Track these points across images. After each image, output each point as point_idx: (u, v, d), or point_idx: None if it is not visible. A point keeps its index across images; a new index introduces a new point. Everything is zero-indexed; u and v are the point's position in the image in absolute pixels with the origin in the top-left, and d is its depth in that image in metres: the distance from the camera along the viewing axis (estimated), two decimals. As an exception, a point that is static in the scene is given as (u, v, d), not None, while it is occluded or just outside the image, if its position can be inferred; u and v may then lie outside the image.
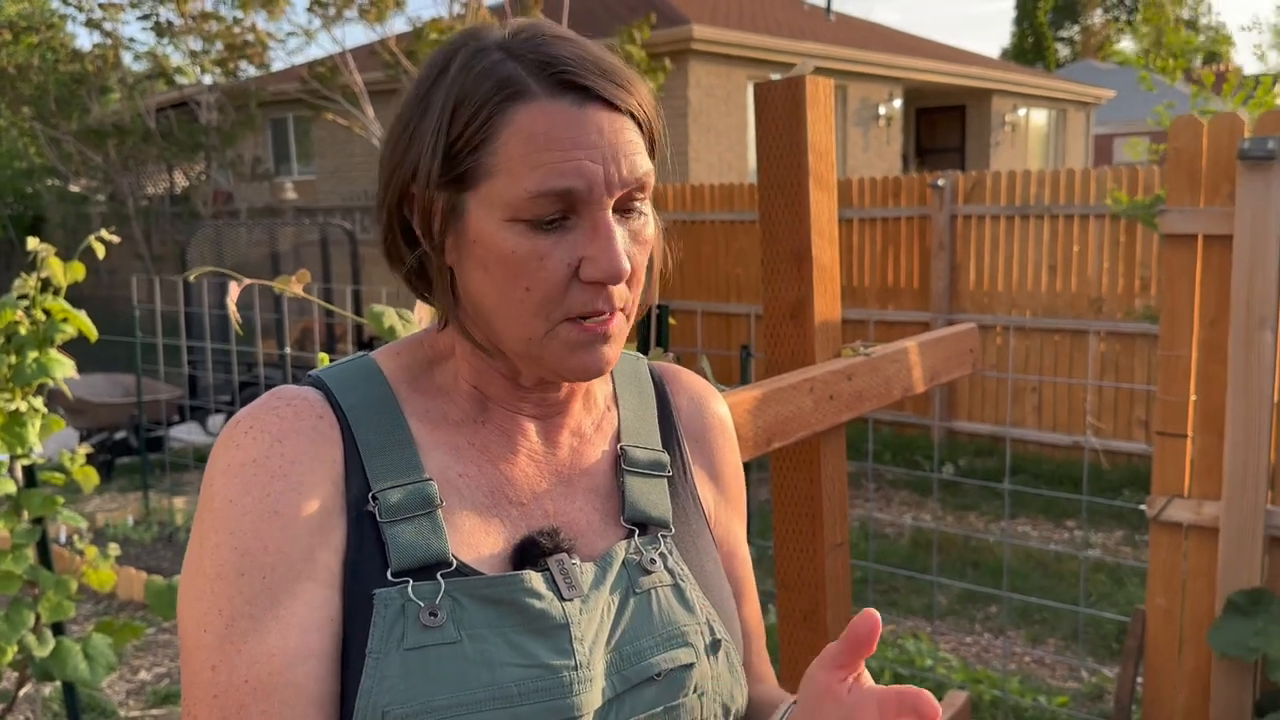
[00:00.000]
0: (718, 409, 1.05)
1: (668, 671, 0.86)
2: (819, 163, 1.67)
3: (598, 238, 0.80)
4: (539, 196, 0.78)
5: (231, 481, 0.81)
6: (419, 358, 0.91)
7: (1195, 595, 2.83)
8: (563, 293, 0.81)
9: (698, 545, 0.95)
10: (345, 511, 0.82)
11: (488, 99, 0.79)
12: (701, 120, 13.70)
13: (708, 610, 0.91)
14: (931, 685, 3.83)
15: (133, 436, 7.22)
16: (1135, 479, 6.34)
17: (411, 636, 0.79)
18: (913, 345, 1.85)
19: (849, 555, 1.82)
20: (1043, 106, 20.73)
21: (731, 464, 1.04)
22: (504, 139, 0.79)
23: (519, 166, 0.78)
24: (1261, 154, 2.59)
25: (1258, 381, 2.65)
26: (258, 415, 0.83)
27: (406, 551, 0.81)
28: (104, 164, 13.82)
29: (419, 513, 0.83)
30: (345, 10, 11.30)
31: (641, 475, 0.94)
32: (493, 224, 0.80)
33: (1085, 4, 44.08)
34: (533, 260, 0.80)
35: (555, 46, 0.81)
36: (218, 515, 0.80)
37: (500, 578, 0.83)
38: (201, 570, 0.80)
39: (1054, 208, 7.08)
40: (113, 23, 13.63)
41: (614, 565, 0.88)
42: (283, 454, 0.81)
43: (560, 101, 0.79)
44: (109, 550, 2.65)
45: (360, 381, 0.88)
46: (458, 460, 0.87)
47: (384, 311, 1.60)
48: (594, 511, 0.91)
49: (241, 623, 0.78)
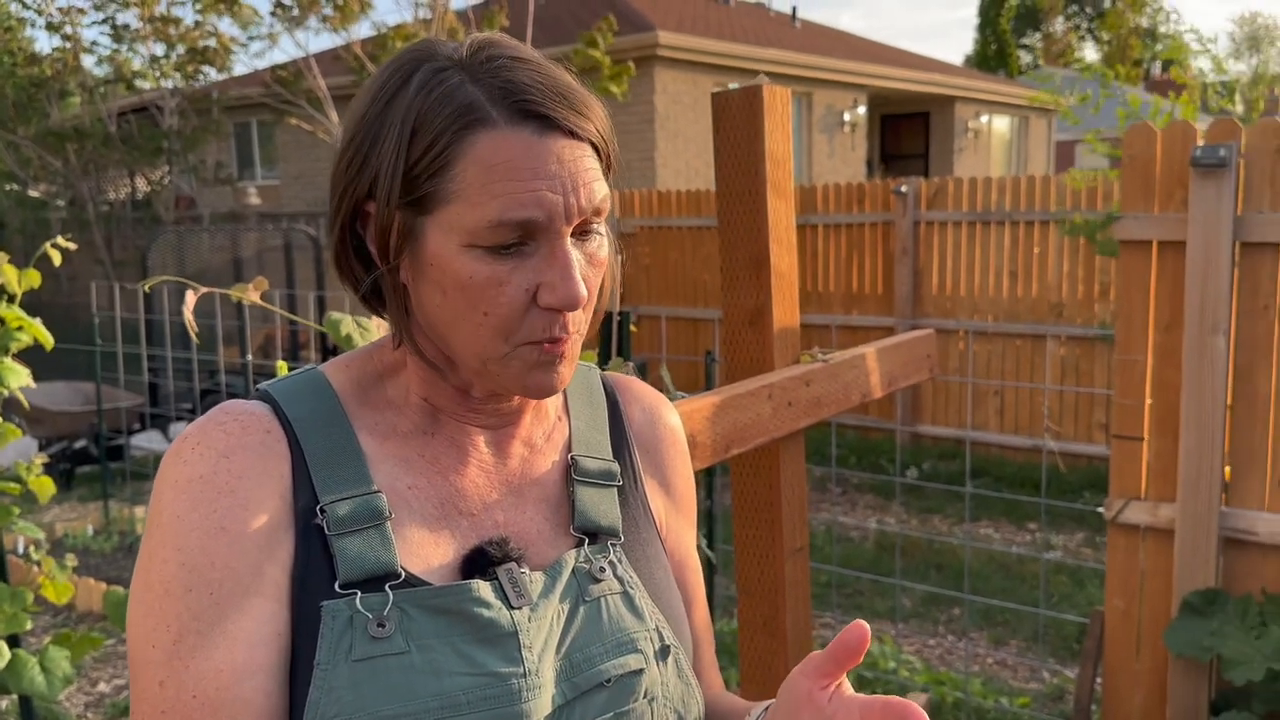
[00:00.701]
0: (670, 420, 1.06)
1: (617, 678, 0.87)
2: (776, 171, 1.68)
3: (555, 265, 0.81)
4: (498, 226, 0.79)
5: (179, 498, 0.81)
6: (369, 371, 0.92)
7: (1152, 596, 2.87)
8: (520, 318, 0.82)
9: (648, 554, 0.96)
10: (293, 525, 0.82)
11: (448, 125, 0.79)
12: (668, 126, 13.73)
13: (657, 617, 0.92)
14: (894, 688, 3.86)
15: (93, 445, 7.13)
16: (1096, 481, 6.42)
17: (359, 648, 0.79)
18: (871, 351, 1.86)
19: (809, 561, 1.83)
20: (1005, 113, 20.95)
21: (683, 474, 1.06)
22: (463, 166, 0.79)
23: (478, 195, 0.79)
24: (1213, 161, 2.63)
25: (1211, 385, 2.70)
26: (205, 431, 0.84)
27: (354, 564, 0.81)
28: (64, 169, 13.65)
29: (367, 525, 0.83)
30: (310, 15, 11.22)
31: (592, 485, 0.95)
32: (450, 249, 0.81)
33: (1047, 12, 44.60)
34: (491, 286, 0.81)
35: (516, 71, 0.81)
36: (165, 531, 0.81)
37: (448, 587, 0.83)
38: (149, 586, 0.80)
39: (1015, 214, 7.16)
40: (72, 26, 13.48)
41: (563, 574, 0.89)
42: (229, 470, 0.82)
43: (521, 130, 0.79)
44: (66, 561, 2.62)
45: (308, 395, 0.88)
46: (407, 472, 0.87)
47: (341, 319, 1.60)
48: (544, 521, 0.92)
49: (189, 638, 0.78)
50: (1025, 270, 7.18)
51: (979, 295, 7.37)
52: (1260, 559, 2.73)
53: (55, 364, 7.69)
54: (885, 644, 4.27)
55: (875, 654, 4.14)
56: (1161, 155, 2.76)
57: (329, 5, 10.95)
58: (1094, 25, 44.60)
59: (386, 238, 0.83)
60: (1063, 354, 7.01)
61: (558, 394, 0.98)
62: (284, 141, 16.63)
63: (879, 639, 4.38)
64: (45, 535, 2.75)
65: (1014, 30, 41.04)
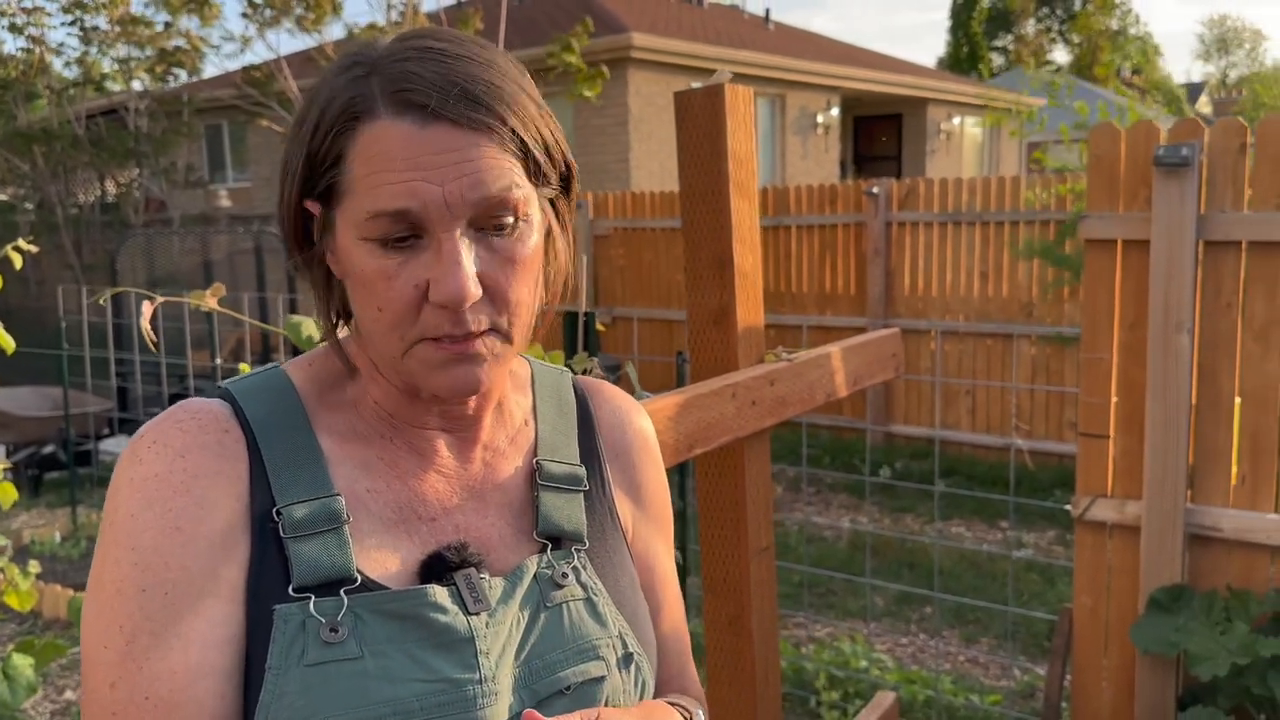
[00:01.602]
0: (641, 425, 1.04)
1: (578, 685, 0.86)
2: (739, 170, 1.68)
3: (441, 261, 0.78)
4: (376, 217, 0.78)
5: (134, 496, 0.80)
6: (331, 370, 0.90)
7: (1119, 593, 2.89)
8: (414, 314, 0.80)
9: (613, 560, 0.95)
10: (249, 527, 0.81)
11: (338, 117, 0.79)
12: (642, 128, 13.74)
13: (621, 624, 0.91)
14: (865, 687, 3.87)
15: (61, 450, 7.06)
16: (1066, 479, 6.46)
17: (312, 653, 0.78)
18: (836, 350, 1.87)
19: (774, 560, 1.83)
20: (977, 115, 21.08)
21: (654, 480, 1.04)
22: (351, 158, 0.79)
23: (361, 186, 0.78)
24: (1176, 160, 2.65)
25: (1176, 383, 2.72)
26: (161, 429, 0.83)
27: (309, 568, 0.81)
28: (31, 172, 13.50)
29: (324, 529, 0.82)
30: (282, 17, 11.14)
31: (556, 490, 0.93)
32: (349, 242, 0.80)
33: (1018, 14, 44.93)
34: (380, 280, 0.79)
35: (415, 64, 0.79)
36: (119, 531, 0.80)
37: (404, 592, 0.82)
38: (103, 586, 0.79)
39: (985, 214, 7.21)
40: (38, 28, 13.33)
41: (524, 579, 0.88)
42: (185, 469, 0.81)
43: (401, 121, 0.77)
44: (29, 568, 2.58)
45: (269, 394, 0.87)
46: (367, 475, 0.86)
47: (302, 322, 1.58)
48: (506, 526, 0.91)
49: (142, 639, 0.77)
50: (996, 270, 7.23)
51: (950, 295, 7.41)
52: (1225, 555, 2.76)
53: (23, 369, 7.60)
54: (857, 643, 4.28)
55: (847, 653, 4.15)
56: (1126, 154, 2.78)
57: (301, 5, 10.88)
58: (1065, 28, 44.97)
59: (314, 231, 0.84)
60: (1033, 353, 7.07)
61: (526, 397, 0.98)
62: (255, 144, 16.52)
63: (851, 638, 4.39)
64: (12, 542, 2.72)
65: (985, 33, 41.32)
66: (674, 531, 3.82)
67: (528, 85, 0.84)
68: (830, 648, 4.28)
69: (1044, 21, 46.02)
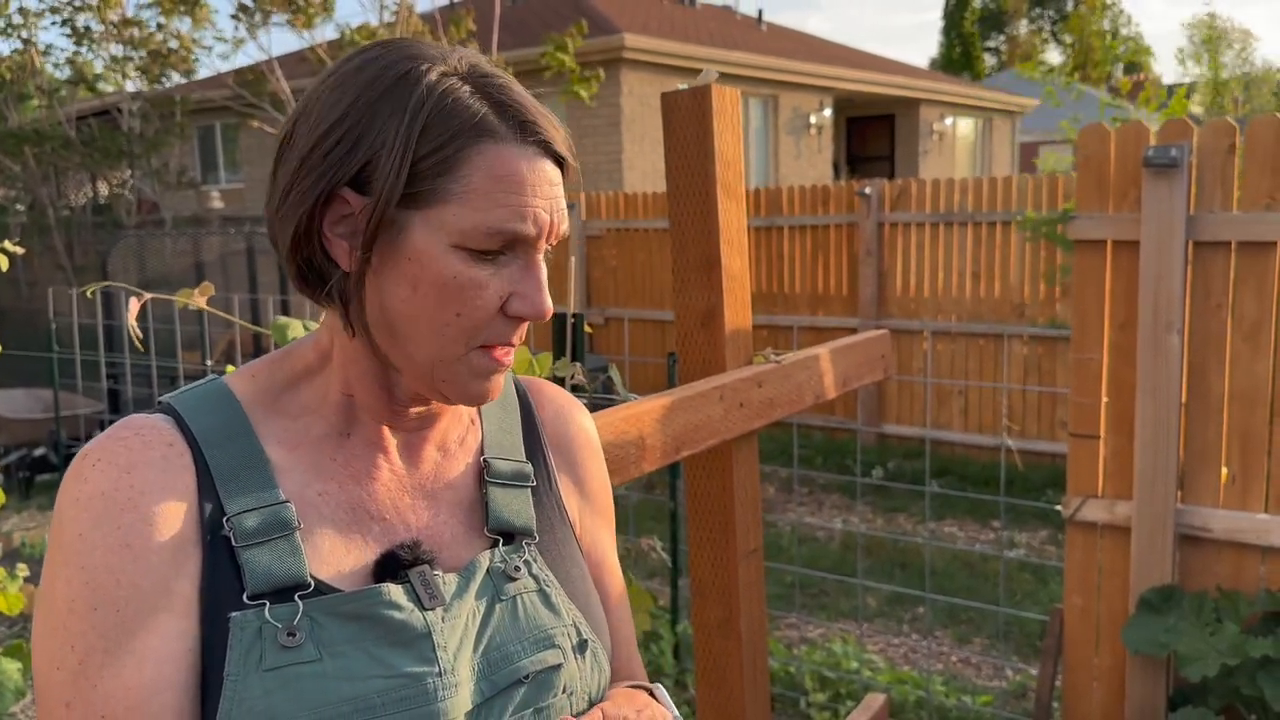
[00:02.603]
0: (582, 421, 1.08)
1: (536, 673, 0.88)
2: (727, 171, 1.68)
3: (529, 278, 0.86)
4: (495, 233, 0.82)
5: (80, 515, 0.80)
6: (279, 378, 0.91)
7: (1110, 593, 2.89)
8: (488, 323, 0.85)
9: (563, 553, 0.97)
10: (200, 539, 0.82)
11: (462, 129, 0.82)
12: (635, 129, 13.73)
13: (574, 613, 0.94)
14: (857, 688, 3.86)
15: (52, 453, 7.03)
16: (1058, 480, 6.46)
17: (270, 658, 0.79)
18: (824, 352, 1.86)
19: (763, 561, 1.83)
20: (969, 115, 21.11)
21: (597, 475, 1.07)
22: (469, 170, 0.82)
23: (481, 200, 0.82)
24: (1165, 161, 2.66)
25: (1165, 384, 2.72)
26: (105, 447, 0.83)
27: (262, 575, 0.81)
28: (22, 173, 13.45)
29: (275, 536, 0.83)
30: (272, 17, 11.11)
31: (504, 486, 0.96)
32: (437, 247, 0.83)
33: (1011, 14, 45.01)
34: (470, 288, 0.84)
35: (515, 94, 0.85)
36: (68, 550, 0.80)
37: (358, 593, 0.83)
38: (53, 607, 0.79)
39: (977, 215, 7.22)
40: (29, 30, 13.28)
41: (477, 574, 0.90)
42: (131, 485, 0.81)
43: (527, 149, 0.84)
44: (17, 571, 2.57)
45: (211, 406, 0.88)
46: (317, 478, 0.88)
47: (289, 323, 1.57)
48: (458, 524, 0.93)
49: (96, 657, 0.78)
50: (988, 271, 7.23)
51: (942, 296, 7.42)
52: (1215, 555, 2.76)
53: (13, 371, 7.57)
54: (849, 644, 4.28)
55: (839, 654, 4.15)
56: (1115, 155, 2.79)
57: (291, 6, 10.86)
58: (1057, 28, 45.06)
59: (362, 225, 0.82)
60: (1025, 353, 7.07)
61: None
62: (247, 144, 16.49)
63: (843, 639, 4.39)
64: (3, 544, 2.71)
65: (978, 33, 41.39)
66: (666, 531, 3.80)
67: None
68: (822, 648, 4.28)
69: (1036, 22, 46.11)
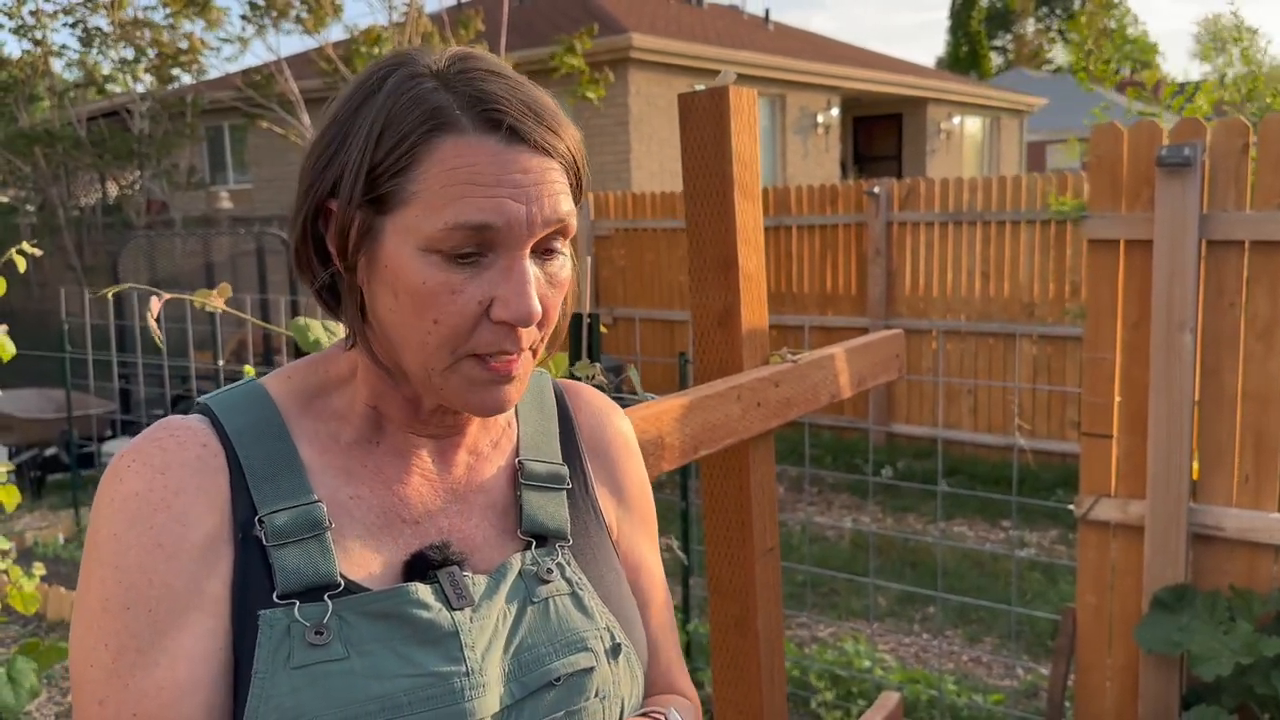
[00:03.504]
0: (620, 425, 1.06)
1: (567, 676, 0.87)
2: (744, 172, 1.68)
3: (511, 279, 0.80)
4: (455, 229, 0.78)
5: (115, 515, 0.81)
6: (312, 382, 0.91)
7: (1123, 592, 2.90)
8: (470, 329, 0.81)
9: (598, 557, 0.96)
10: (232, 539, 0.82)
11: (415, 126, 0.79)
12: (643, 129, 13.74)
13: (608, 617, 0.92)
14: (868, 687, 3.87)
15: (64, 453, 7.06)
16: (1068, 479, 6.46)
17: (298, 655, 0.79)
18: (839, 352, 1.87)
19: (779, 561, 1.83)
20: (977, 114, 21.08)
21: (636, 479, 1.06)
22: (425, 168, 0.79)
23: (438, 198, 0.78)
24: (1178, 160, 2.66)
25: (1179, 383, 2.72)
26: (141, 448, 0.83)
27: (292, 574, 0.81)
28: (33, 173, 13.50)
29: (306, 535, 0.83)
30: (282, 19, 11.14)
31: (539, 488, 0.95)
32: (406, 252, 0.80)
33: (1018, 13, 44.93)
34: (444, 294, 0.80)
35: (490, 83, 0.81)
36: (102, 550, 0.81)
37: (386, 591, 0.83)
38: (88, 605, 0.80)
39: (986, 214, 7.21)
40: (42, 30, 13.33)
41: (509, 576, 0.89)
42: (166, 485, 0.81)
43: (488, 139, 0.79)
44: (33, 570, 2.59)
45: (247, 407, 0.88)
46: (349, 482, 0.87)
47: (310, 324, 1.58)
48: (490, 527, 0.92)
49: (129, 656, 0.78)
50: (997, 270, 7.22)
51: (951, 295, 7.41)
52: (1228, 554, 2.76)
53: (25, 371, 7.61)
54: (860, 643, 4.28)
55: (850, 653, 4.15)
56: (1128, 155, 2.79)
57: (302, 7, 10.88)
58: (1064, 27, 44.96)
59: (345, 236, 0.82)
60: (1034, 353, 7.07)
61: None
62: (256, 145, 16.52)
63: (854, 638, 4.39)
64: (16, 544, 2.72)
65: (985, 32, 41.32)
66: (679, 532, 3.81)
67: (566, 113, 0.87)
68: (833, 648, 4.29)
69: (1043, 21, 46.02)
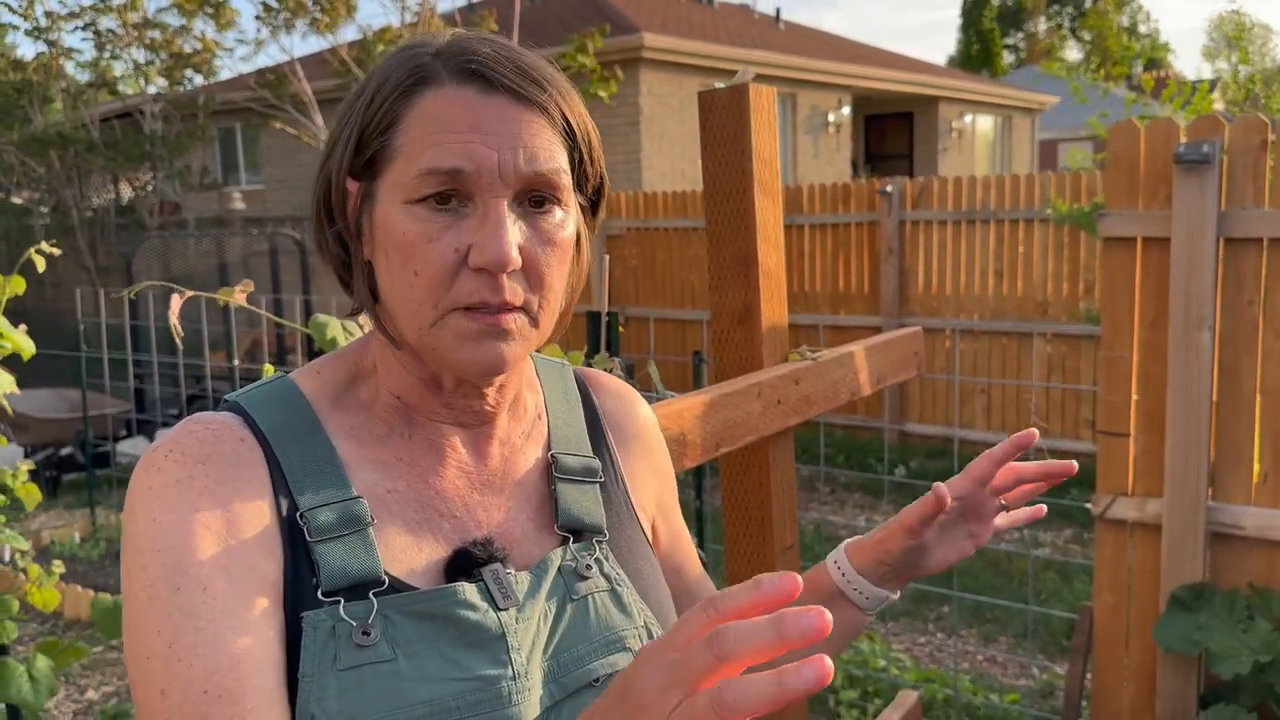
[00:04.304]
0: (644, 410, 1.06)
1: (605, 677, 0.86)
2: (763, 170, 1.68)
3: (486, 224, 0.78)
4: (429, 175, 0.78)
5: (154, 502, 0.77)
6: (341, 376, 0.90)
7: (1140, 591, 2.88)
8: (450, 278, 0.79)
9: (633, 550, 0.95)
10: (278, 532, 0.80)
11: (397, 85, 0.81)
12: (654, 128, 13.73)
13: (646, 614, 0.91)
14: (884, 686, 3.86)
15: (79, 452, 7.09)
16: (1083, 478, 6.41)
17: (345, 657, 0.77)
18: (859, 349, 1.87)
19: (799, 558, 1.83)
20: (989, 113, 21.02)
21: (665, 460, 1.07)
22: (408, 123, 0.80)
23: (416, 147, 0.79)
24: (1196, 158, 2.65)
25: (1196, 381, 2.71)
26: (177, 440, 0.81)
27: (337, 571, 0.79)
28: (47, 175, 13.56)
29: (349, 531, 0.81)
30: (296, 19, 11.17)
31: (574, 482, 0.94)
32: (394, 208, 0.80)
33: (1029, 11, 44.78)
34: (421, 242, 0.79)
35: (475, 43, 0.82)
36: (142, 538, 0.76)
37: (433, 591, 0.81)
38: (134, 597, 0.76)
39: (999, 213, 7.19)
40: (56, 32, 13.40)
41: (549, 572, 0.87)
42: (208, 474, 0.79)
43: (465, 88, 0.80)
44: (52, 568, 2.60)
45: (279, 404, 0.86)
46: (386, 476, 0.86)
47: (327, 322, 1.59)
48: (527, 521, 0.90)
49: (186, 637, 0.73)
50: (1010, 268, 7.21)
51: (965, 294, 7.40)
52: (1246, 553, 2.75)
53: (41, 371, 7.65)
54: (875, 642, 4.28)
55: (865, 652, 4.15)
56: (1145, 152, 2.78)
57: (316, 8, 10.91)
58: (1076, 24, 44.82)
59: (344, 204, 0.84)
60: (1049, 351, 7.04)
61: (537, 392, 0.98)
62: (268, 145, 16.57)
63: (869, 637, 4.39)
64: (32, 543, 2.74)
65: (997, 30, 41.19)
66: (695, 530, 3.82)
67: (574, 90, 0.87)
68: (850, 647, 4.28)
69: (1055, 19, 45.87)
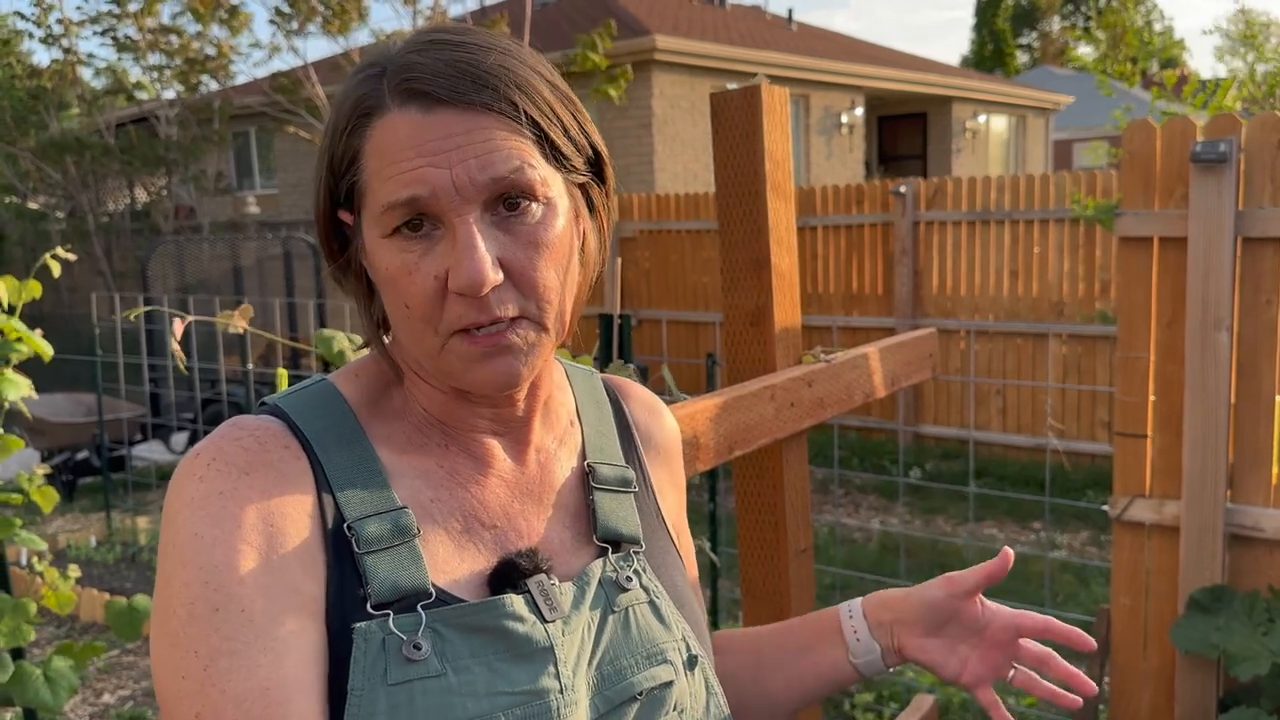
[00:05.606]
0: (670, 423, 1.06)
1: (648, 690, 0.85)
2: (776, 171, 1.67)
3: (457, 247, 0.76)
4: (390, 210, 0.77)
5: (196, 514, 0.75)
6: (377, 380, 0.88)
7: (1158, 593, 2.86)
8: (438, 306, 0.78)
9: (665, 561, 0.94)
10: (324, 544, 0.78)
11: (350, 118, 0.79)
12: (666, 130, 13.73)
13: (683, 626, 0.90)
14: (900, 689, 3.85)
15: (95, 456, 7.13)
16: (1099, 480, 6.41)
17: (395, 671, 0.75)
18: (873, 351, 1.86)
19: (813, 561, 1.82)
20: (1002, 113, 20.95)
21: (680, 468, 1.07)
22: (366, 157, 0.78)
23: (375, 181, 0.77)
24: (1213, 156, 2.63)
25: (1214, 381, 2.69)
26: (219, 447, 0.78)
27: (386, 584, 0.78)
28: (63, 180, 13.65)
29: (396, 543, 0.79)
30: (309, 23, 11.21)
31: (610, 492, 0.93)
32: (375, 243, 0.80)
33: (1043, 11, 44.64)
34: (403, 276, 0.78)
35: (419, 55, 0.78)
36: (184, 551, 0.74)
37: (482, 604, 0.80)
38: (172, 613, 0.73)
39: (1014, 213, 7.16)
40: (71, 39, 13.49)
41: (591, 584, 0.86)
42: (252, 486, 0.76)
43: (408, 110, 0.77)
44: (69, 572, 2.61)
45: (321, 408, 0.84)
46: (427, 485, 0.84)
47: (334, 336, 1.57)
48: (566, 530, 0.89)
49: (222, 660, 0.72)
50: (1025, 269, 7.17)
51: (979, 295, 7.37)
52: (1266, 555, 2.72)
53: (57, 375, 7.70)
54: (891, 645, 4.26)
55: (881, 655, 4.13)
56: (1161, 151, 2.76)
57: (327, 10, 10.95)
58: (1091, 24, 44.64)
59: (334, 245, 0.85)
60: (1064, 352, 7.01)
61: (569, 399, 0.97)
62: (282, 150, 16.65)
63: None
64: (48, 546, 2.75)
65: (1010, 30, 41.07)
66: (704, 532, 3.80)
67: (544, 69, 0.82)
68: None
69: (1070, 18, 45.71)
